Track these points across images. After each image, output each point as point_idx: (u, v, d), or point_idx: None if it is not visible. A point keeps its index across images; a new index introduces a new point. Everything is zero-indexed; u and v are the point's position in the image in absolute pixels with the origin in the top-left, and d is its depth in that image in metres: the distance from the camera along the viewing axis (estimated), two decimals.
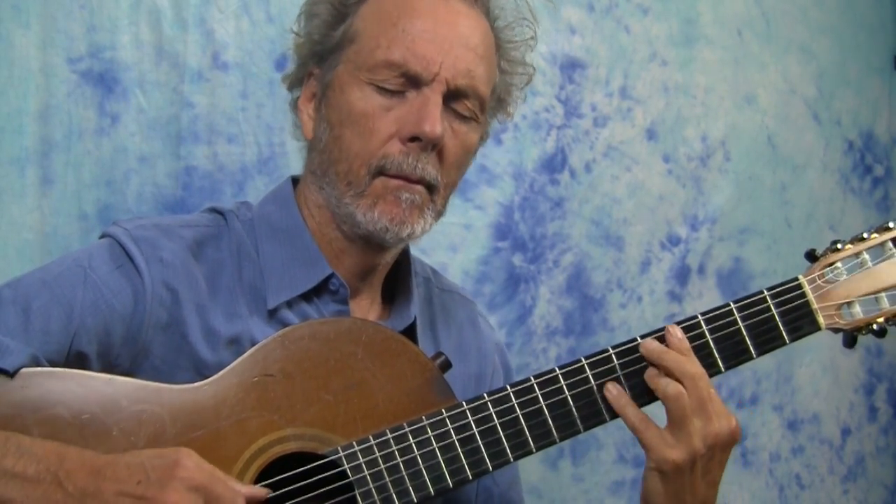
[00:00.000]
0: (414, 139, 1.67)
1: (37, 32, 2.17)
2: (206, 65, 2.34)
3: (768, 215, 3.13)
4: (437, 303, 1.91)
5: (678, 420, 1.61)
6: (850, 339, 1.76)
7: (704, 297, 2.97)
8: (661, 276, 2.94)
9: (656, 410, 1.66)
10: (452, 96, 1.71)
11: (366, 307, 1.80)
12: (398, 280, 1.86)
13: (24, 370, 1.49)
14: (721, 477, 1.68)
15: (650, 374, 1.65)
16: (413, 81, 1.69)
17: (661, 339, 1.67)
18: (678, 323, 1.69)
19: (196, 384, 1.55)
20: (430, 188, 1.71)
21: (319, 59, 1.78)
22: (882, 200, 3.36)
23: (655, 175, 2.94)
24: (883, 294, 1.74)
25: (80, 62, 2.22)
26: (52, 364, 1.52)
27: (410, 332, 1.80)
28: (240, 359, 1.57)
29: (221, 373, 1.56)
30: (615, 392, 1.65)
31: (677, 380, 1.62)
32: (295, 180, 1.84)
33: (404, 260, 1.86)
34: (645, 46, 2.93)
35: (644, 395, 1.66)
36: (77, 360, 1.55)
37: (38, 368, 1.50)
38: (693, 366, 1.64)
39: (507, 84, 1.85)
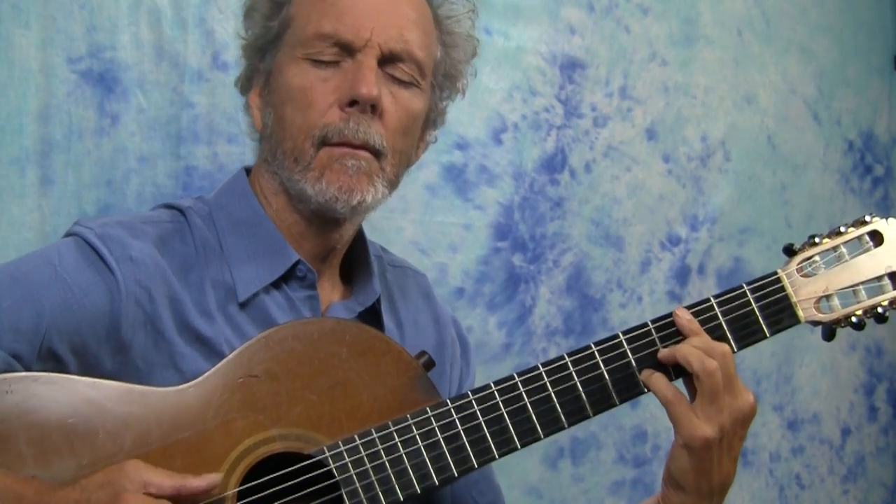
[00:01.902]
0: (352, 103, 1.68)
1: (37, 32, 2.18)
2: (206, 65, 2.35)
3: (768, 215, 3.13)
4: (391, 279, 1.91)
5: (710, 396, 1.62)
6: (829, 333, 1.77)
7: (704, 297, 2.96)
8: (661, 276, 2.94)
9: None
10: (387, 61, 1.72)
11: (328, 289, 1.80)
12: (354, 259, 1.86)
13: (4, 375, 1.48)
14: (740, 452, 1.69)
15: (683, 351, 1.65)
16: (346, 50, 1.69)
17: (668, 325, 1.69)
18: (656, 320, 1.70)
19: (181, 386, 1.54)
20: (377, 154, 1.71)
21: (262, 54, 1.79)
22: (882, 200, 3.36)
23: (655, 175, 2.94)
24: (861, 287, 1.74)
25: (80, 62, 2.22)
26: (24, 363, 1.52)
27: (374, 310, 1.81)
28: (224, 360, 1.56)
29: (206, 374, 1.55)
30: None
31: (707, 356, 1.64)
32: (249, 171, 1.84)
33: (359, 239, 1.87)
34: (645, 46, 2.93)
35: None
36: (50, 359, 1.54)
37: (24, 373, 1.50)
38: (722, 344, 1.66)
39: (453, 59, 1.85)
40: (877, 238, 1.76)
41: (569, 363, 1.66)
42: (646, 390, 1.69)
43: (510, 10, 2.72)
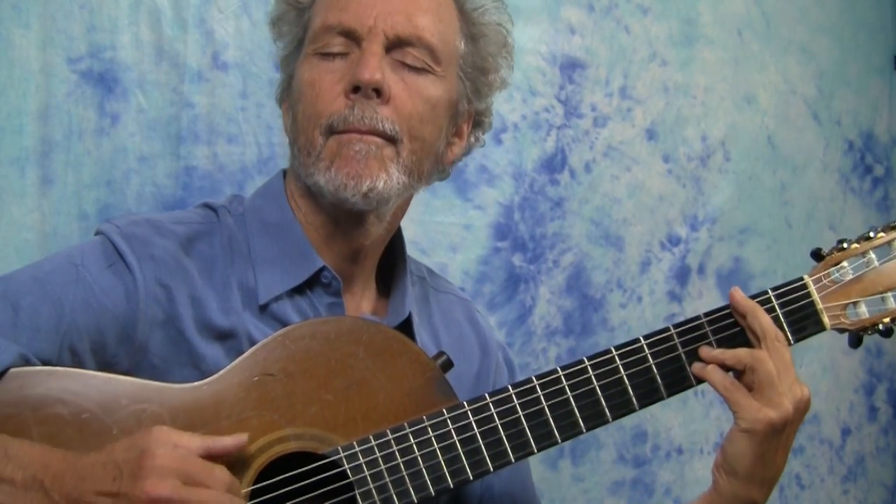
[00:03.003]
0: (356, 90, 1.66)
1: (37, 32, 2.17)
2: (206, 65, 2.34)
3: (768, 215, 3.13)
4: (434, 302, 1.90)
5: (767, 380, 1.62)
6: (856, 340, 1.75)
7: (704, 297, 2.97)
8: (661, 276, 2.94)
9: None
10: (395, 46, 1.70)
11: (358, 296, 1.80)
12: (395, 276, 1.85)
13: (18, 369, 1.49)
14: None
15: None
16: (352, 38, 1.69)
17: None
18: (679, 325, 1.69)
19: (196, 383, 1.54)
20: (391, 140, 1.68)
21: (288, 62, 1.79)
22: (882, 200, 3.36)
23: (655, 175, 2.94)
24: (889, 294, 1.71)
25: (80, 62, 2.22)
26: (44, 362, 1.52)
27: (406, 327, 1.79)
28: (240, 358, 1.56)
29: (222, 372, 1.55)
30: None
31: (760, 339, 1.65)
32: (286, 174, 1.84)
33: (398, 249, 1.86)
34: (645, 46, 2.93)
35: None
36: (71, 358, 1.55)
37: (38, 367, 1.50)
38: (776, 330, 1.66)
39: (482, 52, 1.82)
40: None
41: (588, 367, 1.65)
42: (695, 383, 1.69)
43: (510, 10, 2.70)
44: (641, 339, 1.68)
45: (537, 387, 1.62)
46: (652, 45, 2.94)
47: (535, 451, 1.61)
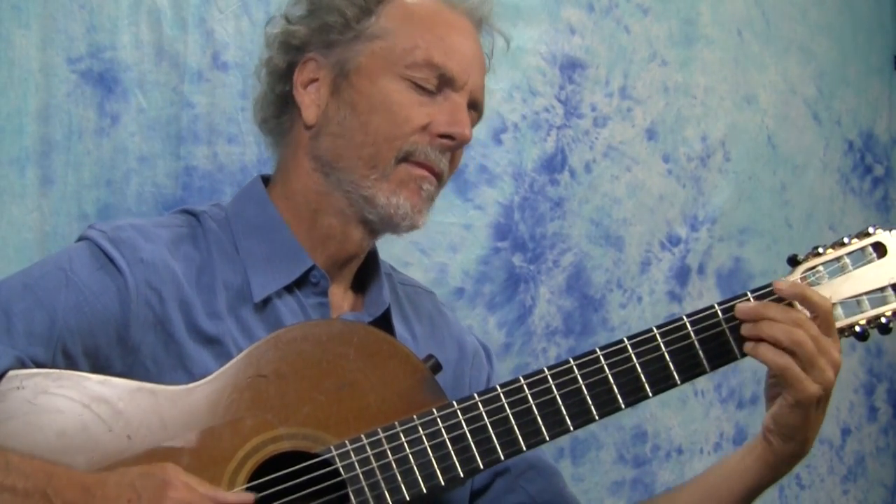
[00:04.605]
0: (445, 136, 1.74)
1: (37, 32, 2.17)
2: (206, 65, 2.34)
3: (768, 215, 3.13)
4: (403, 295, 1.93)
5: (809, 362, 1.64)
6: None
7: (704, 297, 2.97)
8: (661, 276, 2.94)
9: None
10: (470, 106, 1.79)
11: (339, 296, 1.82)
12: (367, 271, 1.88)
13: (15, 371, 1.50)
14: None
15: (768, 331, 1.67)
16: (447, 83, 1.76)
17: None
18: (662, 325, 1.70)
19: (190, 385, 1.56)
20: (440, 185, 1.80)
21: (325, 47, 1.79)
22: (882, 200, 3.37)
23: (655, 175, 2.94)
24: (864, 297, 1.74)
25: (80, 62, 2.22)
26: (38, 366, 1.53)
27: (385, 320, 1.82)
28: (233, 360, 1.57)
29: (215, 374, 1.56)
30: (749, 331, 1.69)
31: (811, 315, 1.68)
32: (264, 179, 1.86)
33: (371, 252, 1.89)
34: (645, 46, 2.93)
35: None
36: (64, 361, 1.56)
37: (35, 370, 1.51)
38: (799, 314, 1.68)
39: None
40: (880, 249, 1.76)
41: (574, 367, 1.66)
42: (679, 383, 1.70)
43: (510, 10, 2.71)
44: (625, 339, 1.69)
45: (524, 386, 1.63)
46: (652, 45, 2.94)
47: (524, 448, 1.62)
